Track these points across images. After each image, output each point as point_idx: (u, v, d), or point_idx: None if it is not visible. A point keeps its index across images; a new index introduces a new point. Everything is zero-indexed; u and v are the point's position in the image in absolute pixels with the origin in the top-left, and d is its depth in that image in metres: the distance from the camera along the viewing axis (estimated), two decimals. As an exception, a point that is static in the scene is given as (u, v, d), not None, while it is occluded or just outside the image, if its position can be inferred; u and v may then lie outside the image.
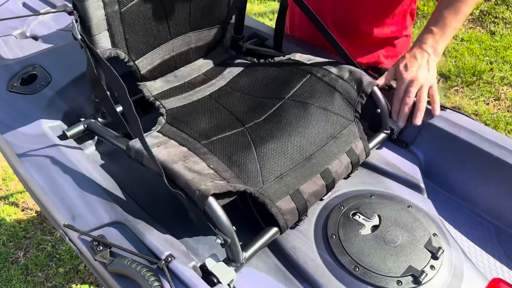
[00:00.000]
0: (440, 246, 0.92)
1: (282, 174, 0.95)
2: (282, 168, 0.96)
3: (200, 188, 0.83)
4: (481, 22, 3.40)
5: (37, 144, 1.05)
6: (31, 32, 1.50)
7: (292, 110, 1.07)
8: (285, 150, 0.99)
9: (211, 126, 1.05)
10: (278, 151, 0.98)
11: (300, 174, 0.97)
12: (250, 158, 0.96)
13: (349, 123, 1.08)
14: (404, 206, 1.01)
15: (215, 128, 1.04)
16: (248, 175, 0.94)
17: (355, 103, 1.10)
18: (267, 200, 0.91)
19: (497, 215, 1.08)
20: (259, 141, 1.00)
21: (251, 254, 0.88)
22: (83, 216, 0.90)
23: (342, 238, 0.94)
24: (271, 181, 0.94)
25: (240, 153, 0.97)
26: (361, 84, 1.11)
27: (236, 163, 0.95)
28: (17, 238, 2.22)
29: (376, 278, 0.87)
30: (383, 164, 1.14)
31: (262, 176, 0.94)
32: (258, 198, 0.90)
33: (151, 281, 0.78)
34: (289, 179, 0.95)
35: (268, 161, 0.96)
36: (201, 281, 0.80)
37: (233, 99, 1.14)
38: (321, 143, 1.02)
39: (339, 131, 1.06)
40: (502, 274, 0.98)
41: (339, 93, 1.10)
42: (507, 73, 2.95)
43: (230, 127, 1.05)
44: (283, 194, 0.93)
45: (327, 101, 1.08)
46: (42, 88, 1.21)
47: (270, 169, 0.95)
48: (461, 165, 1.11)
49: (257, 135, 1.02)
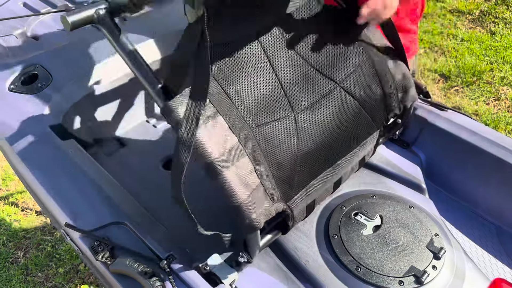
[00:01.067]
0: (442, 246, 0.92)
1: (309, 186, 0.94)
2: (311, 177, 0.94)
3: (251, 217, 0.81)
4: (481, 22, 3.40)
5: (37, 143, 1.05)
6: (32, 32, 1.50)
7: (339, 102, 1.00)
8: (320, 156, 0.95)
9: (260, 101, 0.93)
10: (313, 155, 0.94)
11: (321, 184, 0.96)
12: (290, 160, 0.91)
13: (375, 131, 1.05)
14: (406, 206, 1.01)
15: (265, 105, 0.93)
16: (283, 181, 0.90)
17: (391, 111, 1.06)
18: (290, 214, 0.90)
19: (498, 215, 1.08)
20: (302, 137, 0.93)
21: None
22: (84, 216, 0.90)
23: (344, 238, 0.94)
24: (299, 192, 0.92)
25: (284, 151, 0.91)
26: (407, 94, 1.06)
27: (278, 164, 0.89)
28: (17, 238, 2.21)
29: (378, 278, 0.87)
30: (385, 164, 1.14)
31: (294, 184, 0.91)
32: (285, 211, 0.90)
33: (152, 281, 0.78)
34: (311, 190, 0.95)
35: (302, 167, 0.93)
36: (203, 281, 0.80)
37: (285, 59, 0.99)
38: (348, 151, 1.00)
39: (364, 138, 1.03)
40: (503, 274, 0.98)
41: (384, 93, 1.05)
42: (507, 73, 2.95)
43: (280, 107, 0.94)
44: (302, 206, 0.93)
45: (371, 99, 1.03)
46: (43, 88, 1.21)
47: (302, 178, 0.93)
48: (462, 165, 1.11)
49: (302, 127, 0.94)
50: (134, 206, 0.92)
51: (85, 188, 0.95)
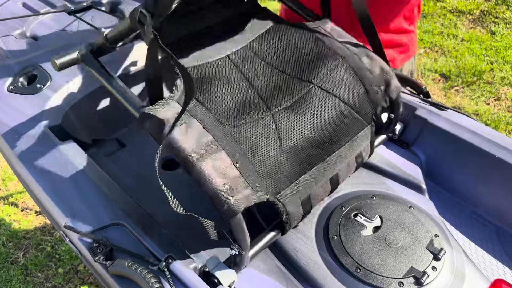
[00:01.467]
0: (441, 247, 0.91)
1: (299, 179, 0.93)
2: (301, 171, 0.94)
3: (230, 202, 0.81)
4: (481, 22, 3.39)
5: (37, 144, 1.05)
6: (31, 32, 1.49)
7: (319, 101, 1.00)
8: (307, 151, 0.95)
9: (235, 105, 0.96)
10: (300, 151, 0.94)
11: (313, 179, 0.95)
12: (274, 155, 0.92)
13: (366, 126, 1.05)
14: (406, 207, 1.00)
15: (240, 108, 0.96)
16: (269, 175, 0.90)
17: (377, 105, 1.06)
18: (281, 208, 0.89)
19: (498, 216, 1.08)
20: (284, 134, 0.94)
21: (252, 255, 0.88)
22: (83, 217, 0.90)
23: (344, 239, 0.94)
24: (289, 185, 0.91)
25: (265, 147, 0.92)
26: (389, 87, 1.06)
27: (260, 160, 0.90)
28: (17, 238, 2.21)
29: (378, 280, 0.87)
30: (385, 164, 1.14)
31: (282, 178, 0.91)
32: (275, 204, 0.89)
33: (151, 282, 0.78)
34: (303, 184, 0.93)
35: (289, 162, 0.93)
36: (202, 282, 0.79)
37: (256, 68, 1.03)
38: (339, 146, 1.00)
39: (355, 134, 1.03)
40: (504, 275, 0.97)
41: (366, 90, 1.05)
42: (508, 73, 2.95)
43: (256, 109, 0.96)
44: (295, 201, 0.91)
45: (353, 96, 1.03)
46: (42, 88, 1.21)
47: (290, 172, 0.92)
48: (462, 166, 1.11)
49: (283, 125, 0.95)
50: (133, 207, 0.92)
51: (84, 189, 0.95)
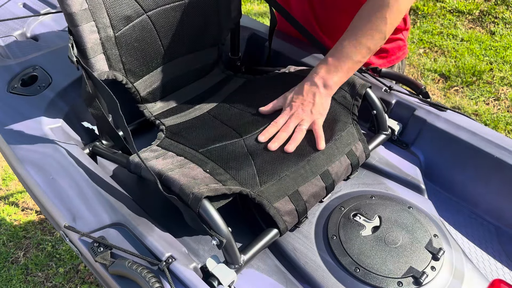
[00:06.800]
0: (440, 247, 0.92)
1: (281, 177, 0.96)
2: (280, 171, 0.96)
3: (194, 191, 0.85)
4: (481, 22, 3.40)
5: (37, 145, 1.05)
6: (31, 33, 1.50)
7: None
8: (284, 155, 1.00)
9: (208, 137, 1.07)
10: (276, 157, 1.00)
11: (299, 176, 0.97)
12: (247, 163, 0.98)
13: (348, 126, 1.09)
14: (405, 207, 1.01)
15: (213, 138, 1.06)
16: (245, 177, 0.95)
17: (351, 106, 1.12)
18: (264, 201, 0.91)
19: (497, 216, 1.08)
20: (256, 151, 1.02)
21: (250, 255, 0.88)
22: (84, 217, 0.90)
23: (343, 239, 0.94)
24: (269, 183, 0.94)
25: (238, 159, 0.99)
26: (354, 87, 1.13)
27: (233, 167, 0.96)
28: (17, 238, 2.22)
29: (377, 279, 0.87)
30: (384, 165, 1.14)
31: (260, 178, 0.95)
32: (255, 199, 0.91)
33: (152, 282, 0.78)
34: (287, 181, 0.95)
35: (266, 165, 0.97)
36: (202, 282, 0.80)
37: (232, 114, 1.15)
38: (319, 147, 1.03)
39: (338, 134, 1.06)
40: (503, 275, 0.98)
41: (334, 99, 1.13)
42: (507, 73, 2.95)
43: (228, 137, 1.06)
44: (281, 196, 0.93)
45: None
46: (43, 89, 1.21)
47: (268, 172, 0.96)
48: (462, 166, 1.11)
49: (254, 146, 1.03)
50: (134, 208, 0.92)
51: (84, 189, 0.96)
